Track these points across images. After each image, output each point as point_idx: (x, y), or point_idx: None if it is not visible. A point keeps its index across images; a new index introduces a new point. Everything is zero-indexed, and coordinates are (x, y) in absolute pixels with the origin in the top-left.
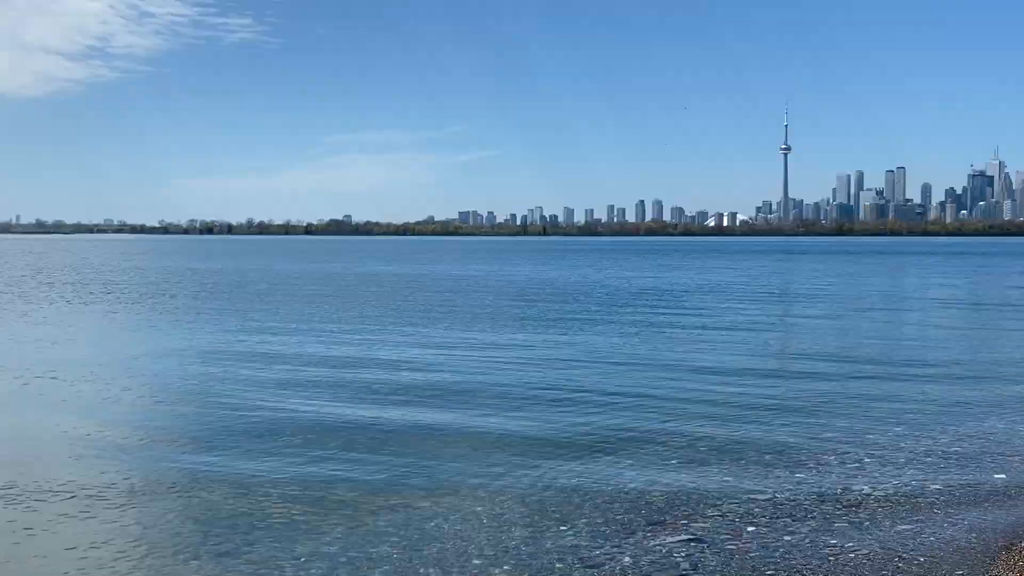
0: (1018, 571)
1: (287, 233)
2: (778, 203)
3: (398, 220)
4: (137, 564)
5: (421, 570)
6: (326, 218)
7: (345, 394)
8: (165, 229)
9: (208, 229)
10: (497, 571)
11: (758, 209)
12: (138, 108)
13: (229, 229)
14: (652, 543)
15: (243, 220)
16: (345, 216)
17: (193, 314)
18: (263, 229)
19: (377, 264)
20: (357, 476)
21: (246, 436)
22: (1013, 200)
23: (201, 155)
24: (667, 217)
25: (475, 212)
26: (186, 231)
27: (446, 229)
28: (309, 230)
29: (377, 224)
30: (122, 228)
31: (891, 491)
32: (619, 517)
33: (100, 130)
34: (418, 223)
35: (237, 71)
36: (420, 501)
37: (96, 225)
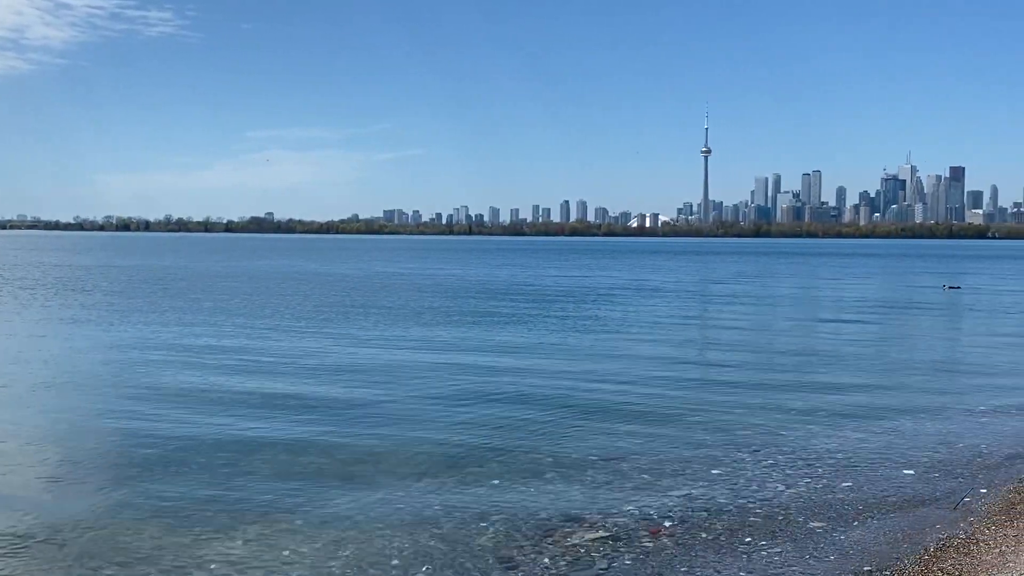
0: (923, 565)
1: (207, 230)
2: (699, 205)
3: (322, 218)
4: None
5: (339, 572)
6: (247, 216)
7: (256, 402)
8: (80, 226)
9: (125, 226)
10: (415, 572)
11: (679, 210)
12: (54, 102)
13: (147, 226)
14: (570, 542)
15: (161, 217)
16: (267, 214)
17: (98, 312)
18: (182, 226)
19: (299, 262)
20: (271, 474)
21: (148, 434)
22: (924, 203)
23: (119, 150)
24: (591, 217)
25: (400, 211)
26: (102, 228)
27: (371, 228)
28: (230, 228)
29: (300, 222)
30: (36, 224)
31: (803, 488)
32: (538, 515)
33: (13, 124)
34: (342, 221)
35: (157, 65)
36: (336, 500)
37: (9, 221)
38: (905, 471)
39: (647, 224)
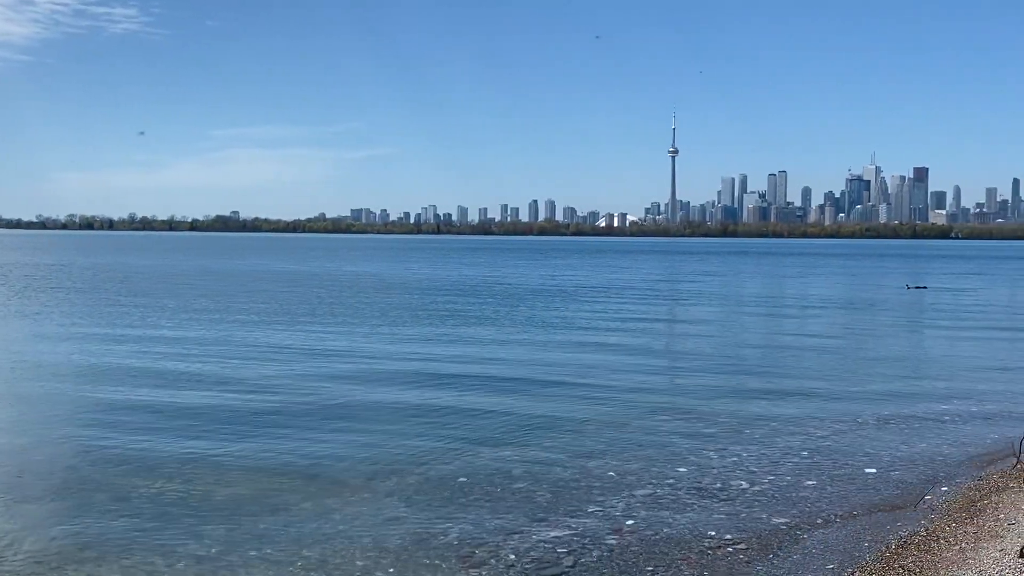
0: (885, 562)
1: (171, 229)
2: (666, 204)
3: (289, 217)
4: None
5: (303, 572)
6: (213, 214)
7: (225, 388)
8: (43, 224)
9: (88, 224)
10: (380, 571)
11: (647, 210)
12: (16, 99)
13: (111, 225)
14: (535, 539)
15: (125, 216)
16: (233, 212)
17: (59, 312)
18: (146, 225)
19: (265, 261)
20: (235, 476)
21: (112, 433)
22: (888, 204)
23: (82, 148)
24: (560, 217)
25: (368, 210)
26: (65, 226)
27: (338, 227)
28: (195, 226)
29: (266, 221)
30: None
31: (767, 486)
32: (503, 513)
33: None
34: (309, 220)
35: (121, 62)
36: (302, 502)
37: None
38: (868, 469)
39: (615, 224)
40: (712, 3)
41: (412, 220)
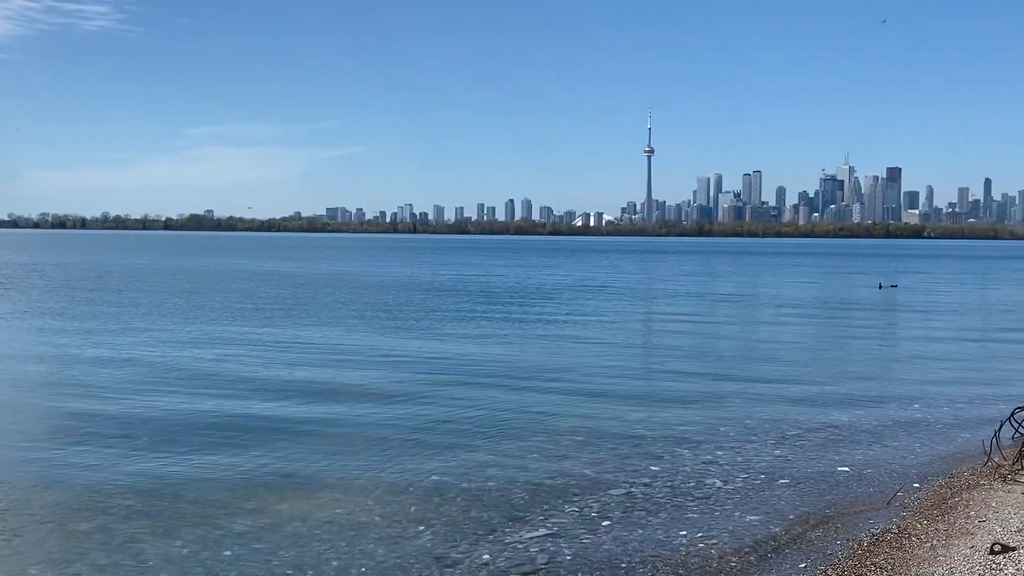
0: (857, 560)
1: (145, 228)
2: (642, 204)
3: (263, 216)
4: None
5: (279, 573)
6: (187, 213)
7: (198, 390)
8: (15, 223)
9: (61, 223)
10: (355, 572)
11: (623, 210)
12: None
13: (83, 223)
14: (510, 539)
15: (99, 214)
16: (207, 211)
17: (33, 311)
18: (120, 224)
19: (240, 260)
20: (210, 477)
21: (88, 435)
22: (862, 203)
23: (55, 146)
24: (536, 216)
25: (343, 209)
26: (37, 225)
27: (313, 226)
28: (168, 225)
29: (241, 220)
30: None
31: (741, 484)
32: (478, 514)
33: None
34: (284, 219)
35: (94, 60)
36: (276, 504)
37: None
38: (840, 467)
39: (591, 223)
40: (688, 4)
41: (388, 219)
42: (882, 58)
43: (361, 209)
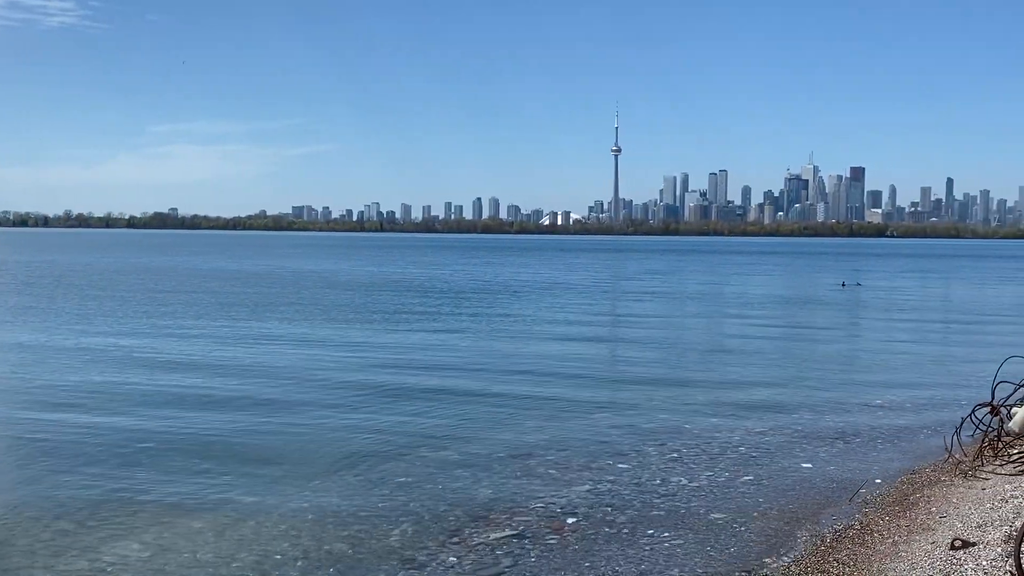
0: (820, 555)
1: (108, 226)
2: (609, 203)
3: (228, 214)
4: None
5: (241, 574)
6: (151, 211)
7: (159, 380)
8: None
9: (23, 221)
10: (320, 573)
11: (590, 208)
12: None
13: (46, 221)
14: (476, 541)
15: (61, 212)
16: (171, 209)
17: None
18: (83, 222)
19: (205, 259)
20: (171, 474)
21: (36, 449)
22: (826, 203)
23: (16, 143)
24: (504, 215)
25: (310, 207)
26: None
27: (279, 224)
28: (132, 223)
29: (205, 218)
30: None
31: (705, 481)
32: (444, 514)
33: None
34: (249, 217)
35: (57, 56)
36: (240, 502)
37: None
38: (804, 464)
39: (559, 222)
40: (654, 4)
41: (355, 218)
42: (846, 58)
43: (328, 207)
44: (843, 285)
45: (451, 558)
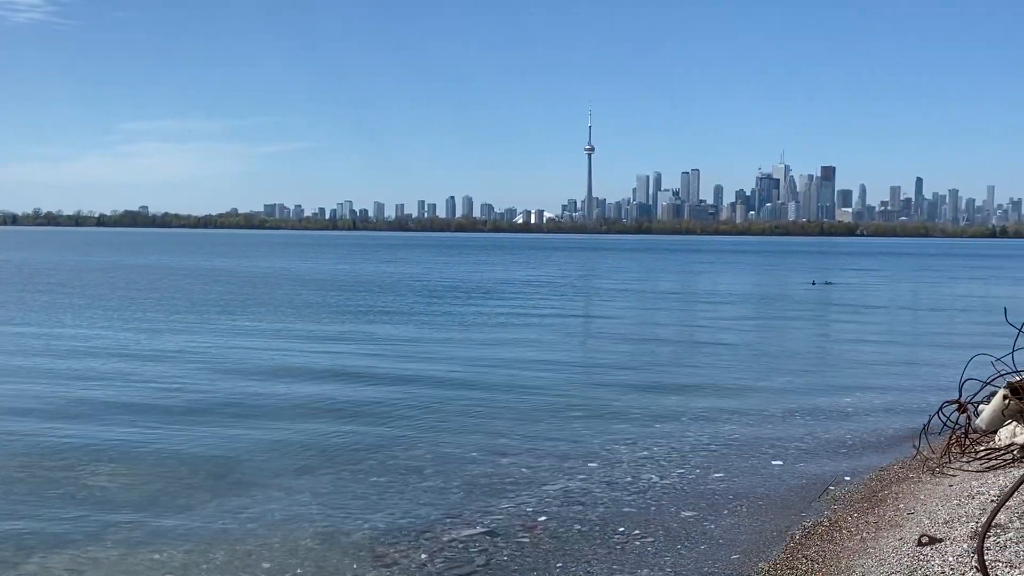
0: (789, 552)
1: (77, 224)
2: (583, 202)
3: (199, 212)
4: None
5: (208, 572)
6: (120, 209)
7: (129, 379)
8: None
9: None
10: (289, 572)
11: (564, 207)
12: None
13: (14, 220)
14: (447, 538)
15: (29, 210)
16: (141, 207)
17: None
18: (51, 220)
19: (175, 257)
20: (140, 474)
21: (12, 430)
22: (797, 202)
23: None
24: (477, 213)
25: (282, 205)
26: None
27: (250, 222)
28: (102, 222)
29: (176, 216)
30: None
31: (676, 479)
32: (415, 514)
33: None
34: (220, 216)
35: (26, 53)
36: (208, 501)
37: None
38: (774, 461)
39: (532, 220)
40: (627, 3)
41: (327, 216)
42: (818, 58)
43: (300, 206)
44: (813, 283)
45: (422, 556)
